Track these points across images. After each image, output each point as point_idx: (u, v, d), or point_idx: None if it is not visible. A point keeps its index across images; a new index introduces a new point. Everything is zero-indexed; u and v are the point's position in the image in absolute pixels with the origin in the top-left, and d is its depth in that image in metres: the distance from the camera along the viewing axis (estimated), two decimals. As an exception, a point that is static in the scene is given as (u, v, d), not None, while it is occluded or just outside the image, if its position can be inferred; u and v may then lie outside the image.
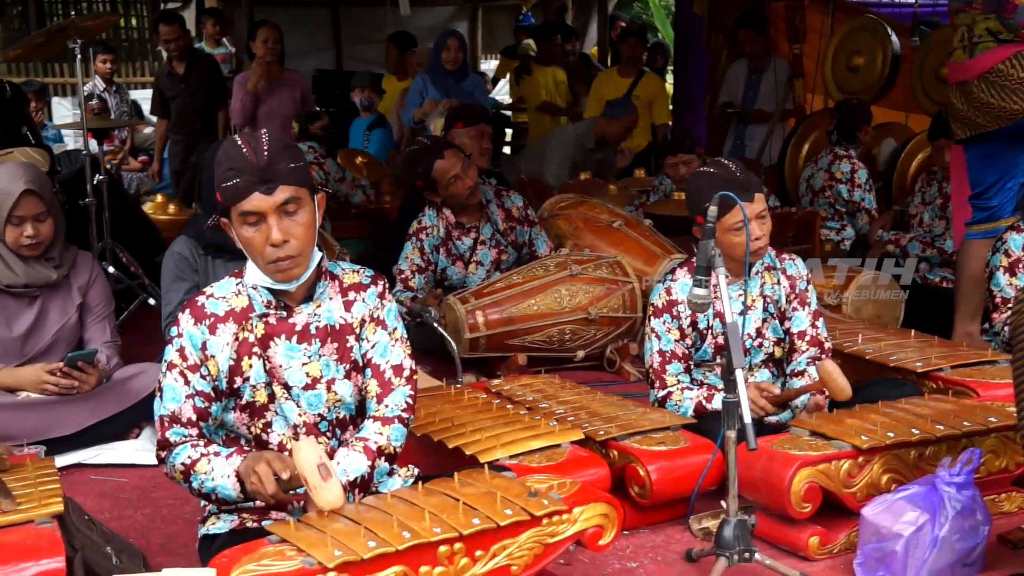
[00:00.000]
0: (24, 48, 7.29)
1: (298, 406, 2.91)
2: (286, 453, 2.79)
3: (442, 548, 2.53)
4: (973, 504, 3.13)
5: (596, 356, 5.40)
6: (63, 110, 13.00)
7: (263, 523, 2.81)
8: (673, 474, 3.49)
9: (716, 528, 3.14)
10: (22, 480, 3.06)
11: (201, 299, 2.89)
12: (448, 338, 4.79)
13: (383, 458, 2.90)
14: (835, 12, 8.76)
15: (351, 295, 2.97)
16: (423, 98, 7.58)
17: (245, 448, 2.89)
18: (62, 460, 4.01)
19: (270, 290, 2.87)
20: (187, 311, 2.88)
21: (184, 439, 2.84)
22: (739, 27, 8.72)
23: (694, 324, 3.95)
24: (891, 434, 3.37)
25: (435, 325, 4.80)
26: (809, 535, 3.35)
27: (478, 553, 2.58)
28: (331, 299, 2.95)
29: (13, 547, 2.71)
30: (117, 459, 4.26)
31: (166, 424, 2.85)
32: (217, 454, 2.80)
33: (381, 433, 2.91)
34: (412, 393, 3.00)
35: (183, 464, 2.81)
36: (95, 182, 6.14)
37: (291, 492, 2.72)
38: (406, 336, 3.05)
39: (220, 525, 2.93)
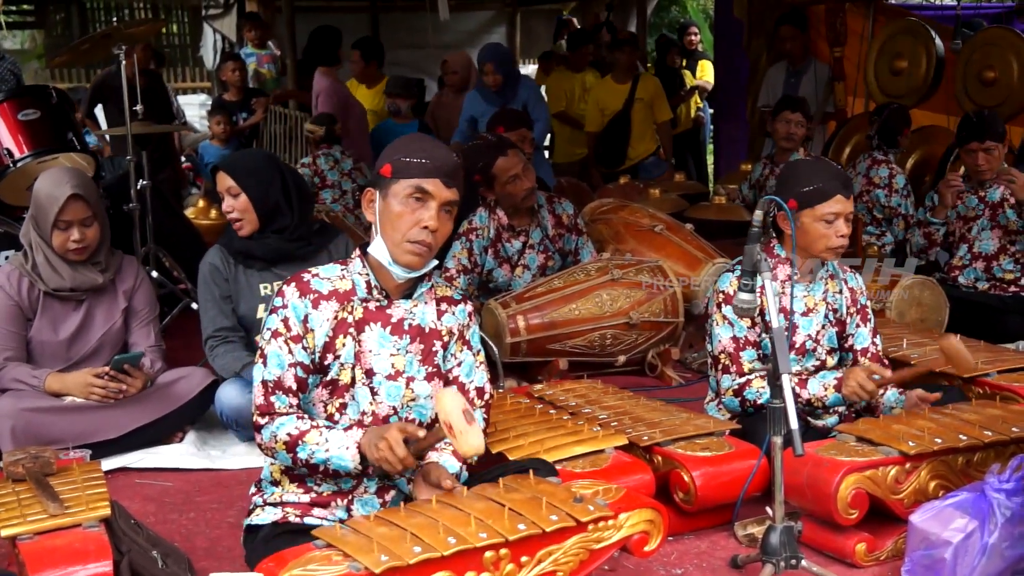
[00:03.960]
0: (70, 54, 7.35)
1: (375, 395, 2.99)
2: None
3: (488, 554, 2.53)
4: (1023, 511, 3.08)
5: (637, 361, 5.38)
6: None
7: (305, 519, 2.96)
8: (718, 480, 3.47)
9: (762, 534, 3.11)
10: (69, 484, 3.08)
11: (307, 276, 2.99)
12: (489, 343, 4.80)
13: (463, 470, 3.07)
14: (876, 15, 8.71)
15: (443, 305, 3.10)
16: (478, 119, 7.54)
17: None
18: (107, 464, 4.02)
19: (377, 275, 2.98)
20: (292, 284, 2.97)
21: (289, 409, 2.94)
22: (780, 23, 8.67)
23: (762, 313, 3.85)
24: (938, 440, 3.34)
25: (476, 330, 4.81)
26: (856, 542, 3.32)
27: (524, 559, 2.58)
28: (426, 303, 3.06)
29: (61, 551, 2.74)
30: (161, 463, 4.29)
31: (270, 389, 2.94)
32: (329, 427, 2.90)
33: None
34: (487, 416, 3.16)
35: (288, 435, 2.89)
36: (138, 187, 6.18)
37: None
38: (486, 361, 3.21)
39: (263, 517, 3.03)
